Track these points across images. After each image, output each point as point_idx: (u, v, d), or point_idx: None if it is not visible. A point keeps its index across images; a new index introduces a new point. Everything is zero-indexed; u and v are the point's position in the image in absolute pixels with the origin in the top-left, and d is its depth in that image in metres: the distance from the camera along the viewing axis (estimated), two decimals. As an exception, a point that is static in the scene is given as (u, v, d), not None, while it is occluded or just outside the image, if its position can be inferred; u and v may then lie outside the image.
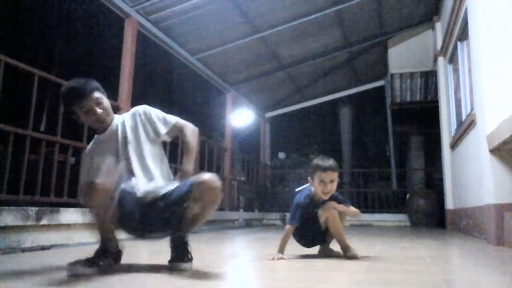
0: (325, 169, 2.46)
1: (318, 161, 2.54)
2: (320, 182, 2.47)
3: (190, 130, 2.21)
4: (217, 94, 9.67)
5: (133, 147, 2.14)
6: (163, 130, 2.19)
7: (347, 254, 2.51)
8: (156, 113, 2.22)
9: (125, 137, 2.15)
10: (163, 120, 2.21)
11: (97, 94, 2.09)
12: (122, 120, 2.21)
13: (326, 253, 2.66)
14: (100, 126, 2.16)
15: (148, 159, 2.14)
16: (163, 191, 2.06)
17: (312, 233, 2.60)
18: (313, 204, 2.56)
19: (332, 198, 2.56)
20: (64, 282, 1.68)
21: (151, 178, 2.11)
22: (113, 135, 2.17)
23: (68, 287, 1.60)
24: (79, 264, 1.86)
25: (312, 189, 2.56)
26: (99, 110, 2.10)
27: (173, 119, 2.23)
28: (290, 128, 15.40)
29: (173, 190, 2.05)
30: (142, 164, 2.12)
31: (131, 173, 2.09)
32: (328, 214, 2.50)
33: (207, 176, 1.99)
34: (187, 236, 2.06)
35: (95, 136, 2.24)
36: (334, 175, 2.48)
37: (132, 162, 2.11)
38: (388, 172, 10.49)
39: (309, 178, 2.56)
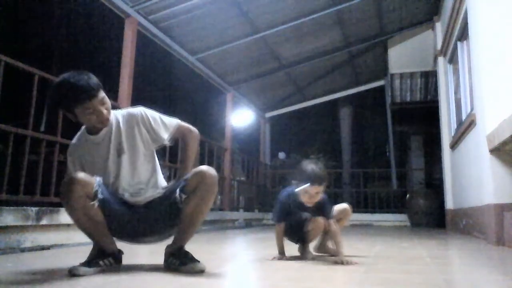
0: (312, 182, 2.35)
1: (307, 168, 2.39)
2: (305, 192, 2.39)
3: (192, 134, 2.14)
4: (217, 94, 9.67)
5: (127, 157, 2.03)
6: (165, 135, 2.06)
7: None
8: (154, 117, 2.06)
9: (119, 144, 2.02)
10: (163, 125, 2.07)
11: (102, 93, 1.92)
12: (117, 123, 2.04)
13: (304, 253, 2.66)
14: (100, 126, 1.99)
15: (141, 171, 2.06)
16: (155, 194, 2.06)
17: (297, 236, 2.61)
18: (300, 207, 2.50)
19: (319, 205, 2.47)
20: (64, 282, 1.68)
21: (140, 189, 2.05)
22: (106, 141, 2.03)
23: (68, 287, 1.60)
24: (79, 265, 1.85)
25: (296, 190, 2.44)
26: (104, 111, 1.93)
27: (174, 121, 2.11)
28: (290, 128, 15.39)
29: (166, 190, 2.06)
30: (133, 175, 2.04)
31: (117, 182, 2.04)
32: (315, 227, 2.50)
33: (204, 167, 1.99)
34: (185, 244, 2.01)
35: (84, 133, 2.06)
36: (321, 188, 2.38)
37: (123, 172, 2.03)
38: (388, 172, 10.49)
39: (293, 181, 2.47)
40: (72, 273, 1.80)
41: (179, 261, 1.93)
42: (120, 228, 2.02)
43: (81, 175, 1.88)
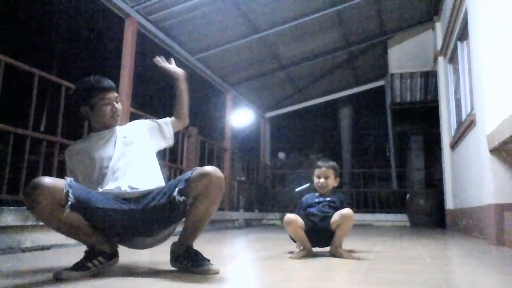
0: (319, 166, 2.84)
1: (318, 161, 2.92)
2: (316, 177, 2.83)
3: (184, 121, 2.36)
4: (217, 94, 9.64)
5: (133, 149, 2.11)
6: (169, 129, 2.28)
7: (335, 252, 2.60)
8: (152, 121, 2.31)
9: (125, 137, 2.14)
10: (163, 121, 2.29)
11: (116, 94, 2.19)
12: (120, 127, 2.23)
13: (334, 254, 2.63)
14: (110, 122, 2.14)
15: (144, 163, 2.11)
16: (151, 187, 2.00)
17: (316, 235, 2.65)
18: (316, 199, 2.79)
19: (334, 200, 2.77)
20: (64, 282, 1.67)
21: (138, 181, 2.01)
22: (112, 135, 2.14)
23: (68, 287, 1.59)
24: (64, 269, 1.76)
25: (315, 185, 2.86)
26: (118, 106, 2.16)
27: (166, 119, 2.34)
28: (290, 128, 15.37)
29: (164, 186, 1.98)
30: (136, 165, 2.06)
31: (118, 172, 2.01)
32: (345, 217, 2.60)
33: (210, 168, 1.89)
34: (193, 243, 1.98)
35: (88, 135, 2.21)
36: (328, 172, 2.81)
37: (126, 161, 2.04)
38: (388, 172, 10.48)
39: (312, 178, 2.88)
40: (56, 278, 1.71)
41: (191, 262, 1.89)
42: (106, 228, 1.90)
43: (46, 180, 1.70)
